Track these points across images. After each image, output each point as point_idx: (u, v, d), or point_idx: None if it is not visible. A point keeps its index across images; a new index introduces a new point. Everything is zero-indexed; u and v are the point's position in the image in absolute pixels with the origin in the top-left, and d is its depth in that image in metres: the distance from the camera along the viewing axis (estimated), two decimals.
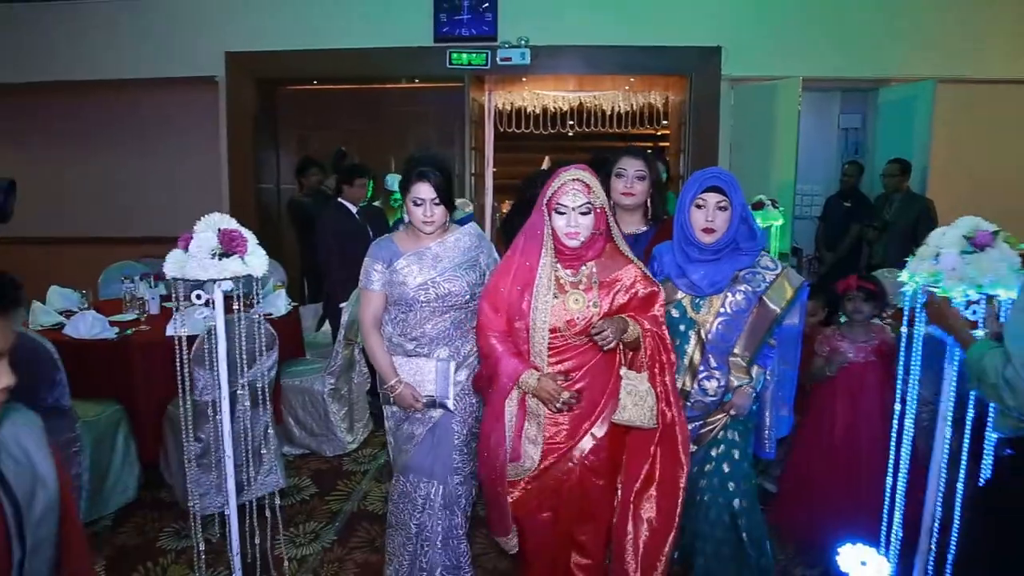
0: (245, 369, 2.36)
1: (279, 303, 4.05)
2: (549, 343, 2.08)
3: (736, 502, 2.31)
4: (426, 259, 2.35)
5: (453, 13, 5.92)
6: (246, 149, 6.29)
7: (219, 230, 1.92)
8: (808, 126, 6.39)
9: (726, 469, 2.33)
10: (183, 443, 3.05)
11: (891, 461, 2.23)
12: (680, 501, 2.15)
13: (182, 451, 3.25)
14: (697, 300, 2.30)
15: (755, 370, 2.31)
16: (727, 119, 6.07)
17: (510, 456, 2.12)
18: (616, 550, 2.22)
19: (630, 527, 2.17)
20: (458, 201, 3.67)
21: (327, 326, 4.65)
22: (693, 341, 2.29)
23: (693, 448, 2.27)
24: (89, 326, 3.48)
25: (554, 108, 7.57)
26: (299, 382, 3.92)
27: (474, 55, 5.97)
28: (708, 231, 2.23)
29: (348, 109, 6.60)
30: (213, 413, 2.68)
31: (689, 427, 2.22)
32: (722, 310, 2.27)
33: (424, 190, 2.27)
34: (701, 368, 2.28)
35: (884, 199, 5.70)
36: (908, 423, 2.18)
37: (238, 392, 2.85)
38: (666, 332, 2.16)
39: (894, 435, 2.20)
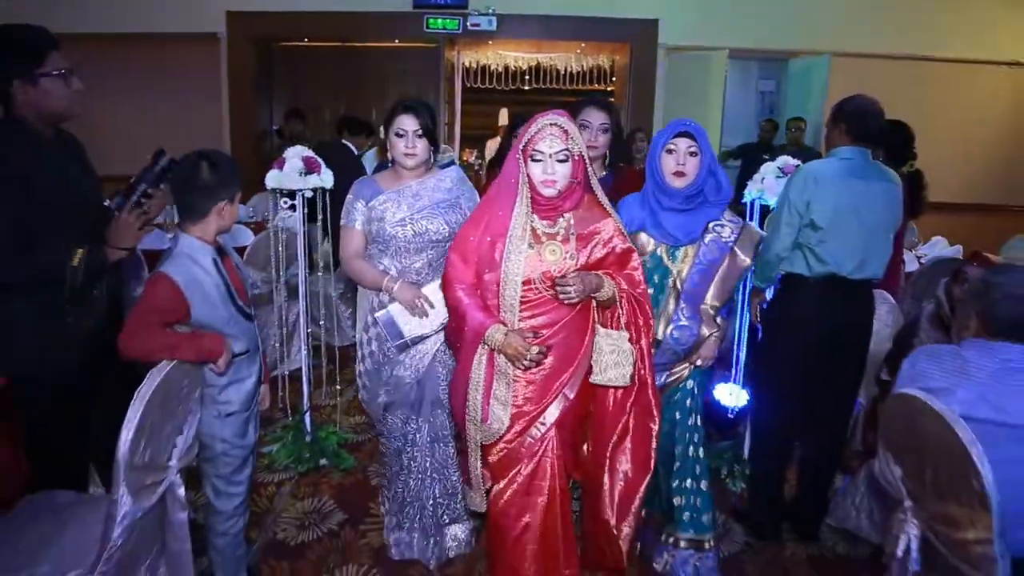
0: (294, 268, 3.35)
1: (291, 222, 5.02)
2: (521, 296, 1.98)
3: (691, 449, 2.44)
4: (405, 196, 2.33)
5: None
6: (246, 100, 7.08)
7: (302, 157, 2.92)
8: (732, 88, 7.49)
9: (689, 420, 2.42)
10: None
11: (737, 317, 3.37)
12: (654, 449, 2.14)
13: None
14: (673, 250, 2.32)
15: (720, 321, 2.38)
16: (662, 82, 7.09)
17: (480, 418, 2.05)
18: (591, 500, 2.21)
19: (606, 479, 2.14)
20: (441, 147, 4.59)
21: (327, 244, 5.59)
22: (668, 290, 2.32)
23: None
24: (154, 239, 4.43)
25: (515, 67, 8.58)
26: (312, 286, 4.92)
27: (448, 20, 6.89)
28: (679, 174, 2.25)
29: (335, 65, 7.38)
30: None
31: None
32: (697, 260, 2.30)
33: (408, 122, 2.27)
34: (675, 317, 2.31)
35: (786, 149, 6.88)
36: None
37: (277, 288, 3.88)
38: (644, 292, 2.10)
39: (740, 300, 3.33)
